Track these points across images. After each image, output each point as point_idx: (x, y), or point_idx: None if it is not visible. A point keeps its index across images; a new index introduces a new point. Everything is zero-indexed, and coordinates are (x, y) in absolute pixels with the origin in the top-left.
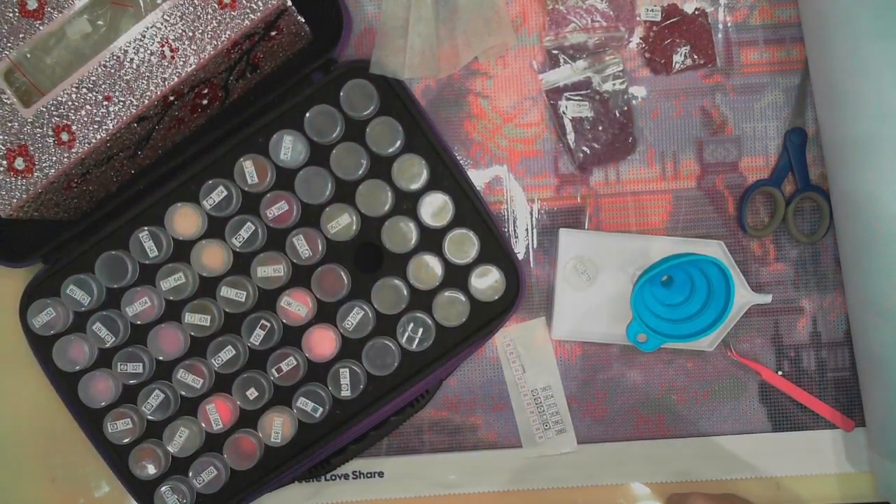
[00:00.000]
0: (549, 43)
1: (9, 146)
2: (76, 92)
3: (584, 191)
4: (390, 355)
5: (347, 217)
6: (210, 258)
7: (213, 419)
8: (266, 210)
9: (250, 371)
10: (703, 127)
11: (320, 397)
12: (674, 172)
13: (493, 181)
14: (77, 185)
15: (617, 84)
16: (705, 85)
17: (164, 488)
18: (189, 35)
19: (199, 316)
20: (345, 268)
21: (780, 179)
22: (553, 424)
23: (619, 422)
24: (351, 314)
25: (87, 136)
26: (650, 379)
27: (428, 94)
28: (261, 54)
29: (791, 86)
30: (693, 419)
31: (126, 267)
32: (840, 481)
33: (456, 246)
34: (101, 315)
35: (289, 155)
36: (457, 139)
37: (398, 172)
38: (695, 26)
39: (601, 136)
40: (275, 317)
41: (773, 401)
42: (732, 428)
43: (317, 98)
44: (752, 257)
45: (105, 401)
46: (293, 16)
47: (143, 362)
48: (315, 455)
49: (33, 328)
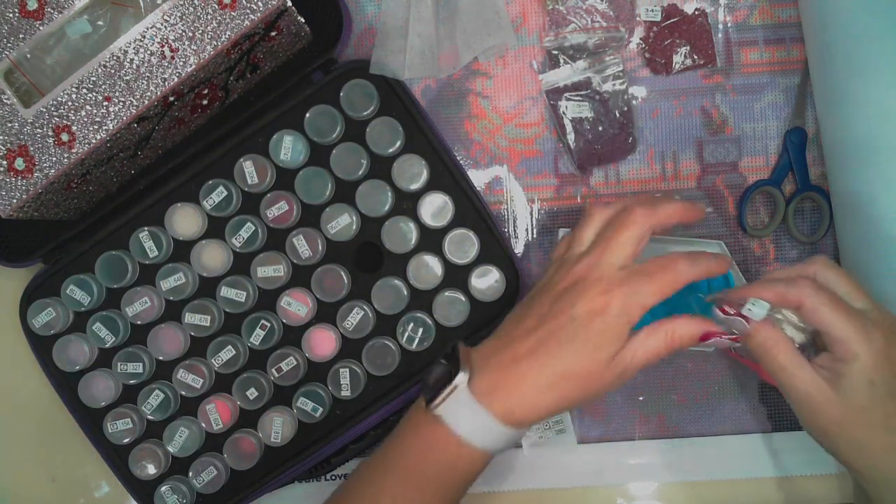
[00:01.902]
0: (549, 43)
1: (9, 146)
2: (76, 92)
3: (584, 191)
4: (390, 355)
5: (347, 217)
6: (210, 258)
7: (213, 419)
8: (266, 210)
9: (250, 371)
10: (703, 127)
11: (320, 397)
12: (674, 172)
13: (493, 181)
14: (77, 185)
15: (617, 84)
16: (705, 85)
17: (164, 488)
18: (189, 35)
19: (199, 316)
20: (345, 268)
21: (780, 179)
22: (553, 424)
23: (619, 422)
24: (351, 314)
25: (87, 136)
26: (650, 379)
27: (428, 94)
28: (261, 54)
29: (791, 86)
30: (693, 419)
31: (126, 267)
32: (840, 481)
33: (456, 246)
34: (101, 315)
35: (289, 155)
36: (457, 139)
37: (398, 172)
38: (695, 26)
39: (601, 136)
40: (275, 317)
41: (773, 401)
42: (732, 428)
43: (317, 98)
44: (752, 257)
45: (105, 401)
46: (293, 16)
47: (143, 362)
48: (315, 455)
49: (33, 328)
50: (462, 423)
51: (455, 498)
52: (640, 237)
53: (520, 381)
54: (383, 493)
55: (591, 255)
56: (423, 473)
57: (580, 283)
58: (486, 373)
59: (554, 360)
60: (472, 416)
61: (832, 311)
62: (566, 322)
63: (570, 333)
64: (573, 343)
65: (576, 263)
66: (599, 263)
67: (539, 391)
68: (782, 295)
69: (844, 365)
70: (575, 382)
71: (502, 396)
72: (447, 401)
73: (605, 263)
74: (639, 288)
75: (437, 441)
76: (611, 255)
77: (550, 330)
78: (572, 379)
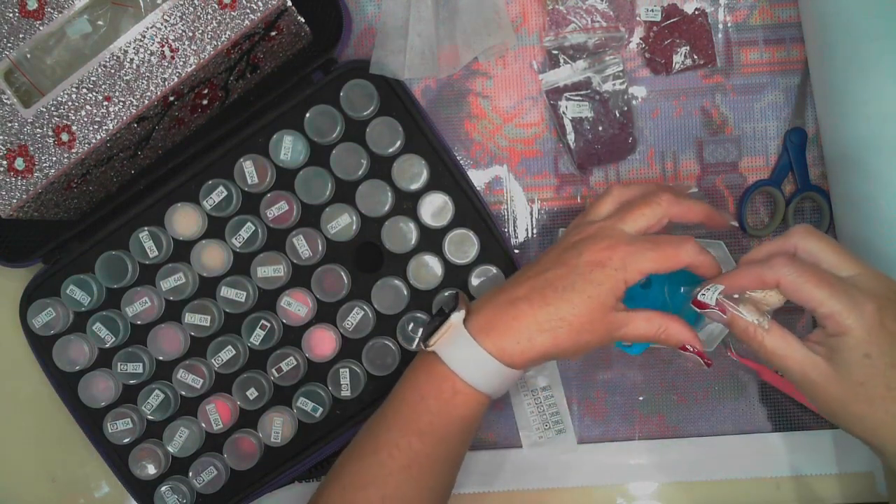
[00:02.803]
0: (549, 43)
1: (9, 146)
2: (76, 92)
3: (584, 191)
4: (390, 355)
5: (347, 217)
6: (210, 258)
7: (213, 419)
8: (266, 210)
9: (250, 371)
10: (703, 127)
11: (320, 397)
12: (674, 172)
13: (493, 181)
14: (77, 185)
15: (617, 84)
16: (705, 85)
17: (164, 488)
18: (189, 35)
19: (199, 316)
20: (345, 268)
21: (780, 179)
22: (553, 424)
23: (619, 422)
24: (351, 314)
25: (87, 136)
26: (650, 379)
27: (428, 94)
28: (261, 54)
29: (791, 86)
30: (693, 419)
31: (126, 267)
32: (840, 481)
33: (456, 246)
34: (101, 315)
35: (289, 155)
36: (457, 139)
37: (398, 172)
38: (695, 26)
39: (601, 136)
40: (275, 317)
41: (773, 401)
42: (732, 428)
43: (317, 98)
44: None
45: (105, 401)
46: (293, 16)
47: (143, 362)
48: (315, 455)
49: (33, 328)
50: (456, 359)
51: (456, 446)
52: (659, 217)
53: (514, 321)
54: (385, 445)
55: (607, 220)
56: (422, 419)
57: (589, 238)
58: (483, 312)
59: (549, 305)
60: (467, 351)
61: (815, 287)
62: (567, 271)
63: (569, 282)
64: (570, 291)
65: (589, 225)
66: (612, 227)
67: (532, 333)
68: (759, 277)
69: (837, 340)
70: (567, 329)
71: (497, 335)
72: (444, 338)
73: (617, 228)
74: (642, 252)
75: (434, 381)
76: (624, 223)
77: (549, 278)
78: (565, 325)
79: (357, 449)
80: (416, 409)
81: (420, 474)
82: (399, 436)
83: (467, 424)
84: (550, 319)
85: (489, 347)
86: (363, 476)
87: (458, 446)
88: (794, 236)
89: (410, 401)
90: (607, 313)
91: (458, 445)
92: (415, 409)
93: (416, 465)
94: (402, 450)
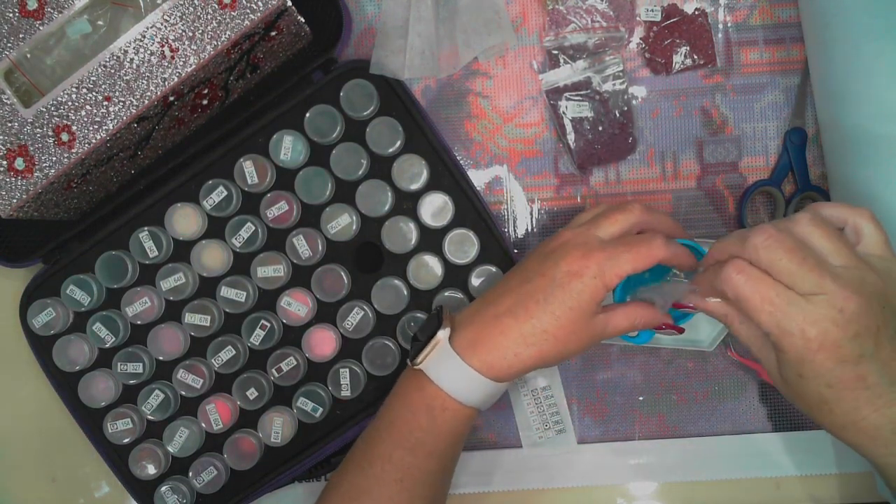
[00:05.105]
0: (549, 43)
1: (9, 146)
2: (76, 92)
3: (584, 191)
4: (390, 355)
5: (347, 217)
6: (210, 258)
7: (213, 419)
8: (266, 210)
9: (250, 371)
10: (703, 127)
11: (320, 397)
12: (674, 172)
13: (493, 181)
14: (77, 185)
15: (617, 84)
16: (705, 85)
17: (164, 488)
18: (189, 35)
19: (199, 316)
20: (345, 268)
21: (780, 179)
22: (553, 424)
23: (618, 422)
24: (351, 314)
25: (87, 136)
26: (650, 379)
27: (428, 94)
28: (261, 54)
29: (791, 86)
30: (693, 419)
31: (126, 267)
32: (840, 481)
33: (456, 246)
34: (101, 315)
35: (289, 155)
36: (457, 139)
37: (398, 172)
38: (695, 26)
39: (601, 136)
40: (275, 317)
41: (773, 401)
42: (732, 428)
43: (317, 98)
44: None
45: (105, 401)
46: (293, 16)
47: (143, 362)
48: (315, 455)
49: (33, 328)
50: (444, 378)
51: (446, 460)
52: (631, 224)
53: (500, 336)
54: (378, 458)
55: (581, 227)
56: (413, 434)
57: (564, 246)
58: (468, 328)
59: (533, 319)
60: (454, 369)
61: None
62: (547, 283)
63: (550, 294)
64: (552, 303)
65: (566, 230)
66: (586, 233)
67: (518, 348)
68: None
69: (778, 353)
70: (553, 341)
71: (483, 351)
72: (430, 356)
73: (591, 234)
74: (617, 256)
75: (424, 398)
76: (597, 229)
77: (531, 290)
78: (550, 337)
79: (353, 461)
80: (407, 424)
81: (413, 486)
82: (392, 449)
83: (457, 437)
84: (535, 333)
85: (476, 364)
86: (358, 487)
87: (449, 458)
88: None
89: (402, 416)
90: (589, 320)
91: (449, 457)
92: (406, 424)
93: (408, 478)
94: (395, 463)
